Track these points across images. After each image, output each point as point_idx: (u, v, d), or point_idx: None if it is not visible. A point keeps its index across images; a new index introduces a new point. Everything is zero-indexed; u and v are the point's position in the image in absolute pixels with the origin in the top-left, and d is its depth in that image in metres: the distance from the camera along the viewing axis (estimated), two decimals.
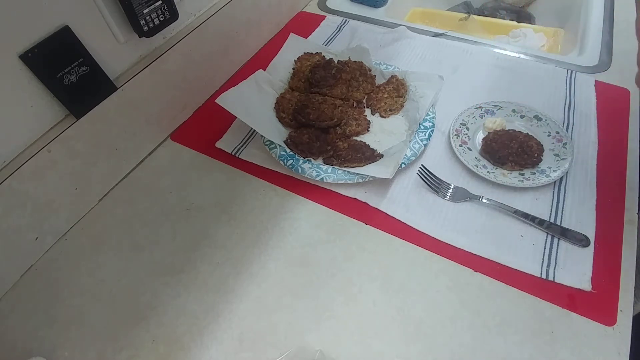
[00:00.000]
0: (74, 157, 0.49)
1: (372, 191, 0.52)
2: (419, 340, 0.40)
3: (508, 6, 0.97)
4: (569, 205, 0.49)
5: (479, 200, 0.49)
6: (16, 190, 0.44)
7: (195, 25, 0.61)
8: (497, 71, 0.67)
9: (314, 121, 0.57)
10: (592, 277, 0.43)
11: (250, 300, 0.44)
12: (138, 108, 0.56)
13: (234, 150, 0.58)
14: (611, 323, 0.40)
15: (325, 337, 0.41)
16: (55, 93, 0.45)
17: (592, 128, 0.57)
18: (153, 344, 0.42)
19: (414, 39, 0.74)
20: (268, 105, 0.62)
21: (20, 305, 0.46)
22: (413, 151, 0.54)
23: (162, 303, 0.45)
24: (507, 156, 0.52)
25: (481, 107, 0.59)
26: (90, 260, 0.49)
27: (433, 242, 0.47)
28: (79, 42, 0.45)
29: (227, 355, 0.41)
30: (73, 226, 0.52)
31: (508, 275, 0.44)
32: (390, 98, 0.62)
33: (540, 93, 0.62)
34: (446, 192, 0.51)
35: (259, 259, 0.48)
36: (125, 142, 0.56)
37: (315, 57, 0.68)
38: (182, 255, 0.49)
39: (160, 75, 0.57)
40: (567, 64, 0.67)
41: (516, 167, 0.51)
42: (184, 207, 0.53)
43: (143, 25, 0.51)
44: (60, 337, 0.43)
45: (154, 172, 0.58)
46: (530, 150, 0.52)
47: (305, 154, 0.55)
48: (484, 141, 0.55)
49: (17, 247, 0.47)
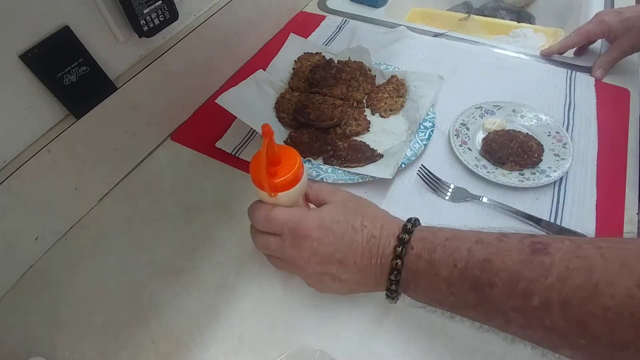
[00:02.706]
0: (74, 157, 0.49)
1: (372, 191, 0.52)
2: (419, 340, 0.40)
3: (508, 6, 0.98)
4: (569, 205, 0.49)
5: (479, 200, 0.49)
6: (16, 190, 0.44)
7: (195, 25, 0.61)
8: (497, 71, 0.67)
9: (314, 121, 0.57)
10: None
11: (250, 300, 0.44)
12: (138, 108, 0.56)
13: (234, 150, 0.58)
14: None
15: (325, 337, 0.41)
16: (55, 93, 0.45)
17: (592, 128, 0.57)
18: (153, 344, 0.42)
19: (414, 39, 0.74)
20: (268, 105, 0.62)
21: (20, 305, 0.46)
22: (413, 151, 0.54)
23: (162, 303, 0.45)
24: (507, 156, 0.52)
25: (481, 107, 0.59)
26: (90, 260, 0.49)
27: None
28: (79, 42, 0.45)
29: (227, 355, 0.41)
30: (73, 226, 0.52)
31: None
32: (390, 98, 0.62)
33: (540, 93, 0.62)
34: (446, 192, 0.51)
35: (259, 259, 0.47)
36: (125, 142, 0.56)
37: (315, 57, 0.68)
38: (182, 255, 0.49)
39: (160, 75, 0.57)
40: (567, 64, 0.67)
41: (516, 167, 0.51)
42: (184, 207, 0.53)
43: (143, 25, 0.50)
44: (60, 337, 0.43)
45: (154, 172, 0.58)
46: (530, 150, 0.52)
47: (305, 154, 0.55)
48: (484, 141, 0.55)
49: (17, 247, 0.47)
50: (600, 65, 0.63)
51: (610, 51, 0.63)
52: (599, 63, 0.63)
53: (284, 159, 0.37)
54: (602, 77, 0.63)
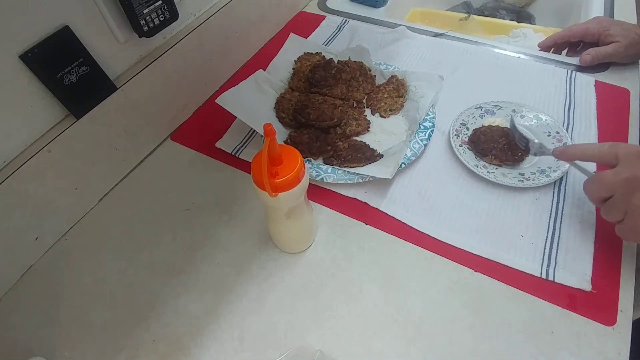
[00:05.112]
0: (74, 157, 0.49)
1: (372, 191, 0.52)
2: (419, 340, 0.40)
3: (508, 6, 0.97)
4: (569, 205, 0.49)
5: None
6: (16, 190, 0.44)
7: (195, 25, 0.61)
8: (497, 71, 0.67)
9: (314, 121, 0.57)
10: (592, 277, 0.43)
11: (250, 300, 0.44)
12: (138, 108, 0.56)
13: (234, 150, 0.58)
14: (611, 323, 0.40)
15: (325, 337, 0.41)
16: (55, 93, 0.45)
17: (592, 128, 0.57)
18: (153, 344, 0.42)
19: (414, 39, 0.74)
20: (268, 105, 0.62)
21: (21, 305, 0.46)
22: (413, 151, 0.54)
23: (162, 303, 0.45)
24: (491, 149, 0.52)
25: (481, 107, 0.59)
26: (90, 260, 0.49)
27: (433, 242, 0.47)
28: (79, 42, 0.45)
29: (227, 355, 0.41)
30: (73, 226, 0.52)
31: (508, 275, 0.44)
32: (390, 98, 0.62)
33: (540, 93, 0.62)
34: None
35: (259, 259, 0.47)
36: (125, 142, 0.56)
37: (315, 57, 0.68)
38: (182, 255, 0.49)
39: (160, 75, 0.57)
40: (567, 64, 0.67)
41: (495, 161, 0.52)
42: (184, 207, 0.53)
43: (143, 25, 0.50)
44: (60, 337, 0.43)
45: (154, 172, 0.58)
46: (515, 149, 0.52)
47: (305, 154, 0.55)
48: (474, 131, 0.55)
49: (17, 247, 0.47)
50: (590, 52, 0.64)
51: (605, 46, 0.63)
52: (590, 50, 0.64)
53: (285, 159, 0.37)
54: (588, 61, 0.64)
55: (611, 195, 0.40)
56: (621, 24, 0.63)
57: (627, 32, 0.61)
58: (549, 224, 0.47)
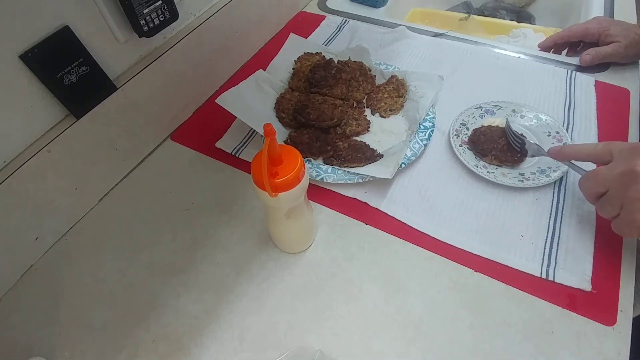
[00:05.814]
0: (74, 157, 0.49)
1: (372, 191, 0.52)
2: (419, 340, 0.40)
3: (508, 6, 0.97)
4: (569, 205, 0.49)
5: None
6: (16, 190, 0.44)
7: (195, 25, 0.61)
8: (497, 71, 0.67)
9: (314, 121, 0.57)
10: (592, 277, 0.43)
11: (250, 300, 0.44)
12: (138, 108, 0.56)
13: (234, 150, 0.58)
14: (611, 323, 0.40)
15: (325, 337, 0.41)
16: (55, 93, 0.45)
17: (592, 128, 0.57)
18: (153, 344, 0.42)
19: (414, 39, 0.74)
20: (268, 105, 0.62)
21: (21, 305, 0.46)
22: (413, 151, 0.54)
23: (162, 303, 0.45)
24: (491, 149, 0.52)
25: (481, 107, 0.59)
26: (90, 260, 0.49)
27: (433, 242, 0.47)
28: (79, 42, 0.45)
29: (227, 355, 0.41)
30: (73, 226, 0.52)
31: (508, 275, 0.44)
32: (390, 98, 0.62)
33: (540, 93, 0.62)
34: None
35: (259, 259, 0.47)
36: (125, 142, 0.56)
37: (315, 57, 0.68)
38: (182, 255, 0.49)
39: (160, 75, 0.57)
40: (567, 64, 0.67)
41: (495, 161, 0.52)
42: (184, 207, 0.53)
43: (143, 25, 0.50)
44: (60, 337, 0.43)
45: (154, 172, 0.58)
46: (515, 150, 0.52)
47: (305, 154, 0.55)
48: (474, 131, 0.55)
49: (17, 247, 0.47)
50: (590, 52, 0.64)
51: (605, 46, 0.63)
52: (590, 50, 0.64)
53: (285, 159, 0.37)
54: (588, 61, 0.64)
55: (606, 190, 0.40)
56: (621, 24, 0.63)
57: (627, 32, 0.61)
58: (549, 224, 0.47)
